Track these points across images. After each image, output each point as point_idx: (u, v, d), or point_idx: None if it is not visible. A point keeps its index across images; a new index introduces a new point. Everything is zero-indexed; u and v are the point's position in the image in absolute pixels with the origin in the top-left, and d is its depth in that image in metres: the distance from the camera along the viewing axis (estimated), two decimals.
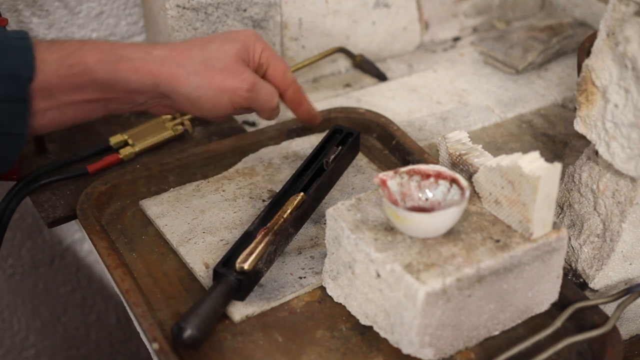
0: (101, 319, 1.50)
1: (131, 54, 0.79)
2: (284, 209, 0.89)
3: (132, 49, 0.80)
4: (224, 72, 0.82)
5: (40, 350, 1.46)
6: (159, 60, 0.79)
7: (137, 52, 0.79)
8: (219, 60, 0.82)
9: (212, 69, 0.81)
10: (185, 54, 0.81)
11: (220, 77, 0.82)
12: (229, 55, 0.82)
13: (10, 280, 1.36)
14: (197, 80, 0.81)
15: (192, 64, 0.80)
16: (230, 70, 0.82)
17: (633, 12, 0.76)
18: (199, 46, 0.82)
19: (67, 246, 1.39)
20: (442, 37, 1.33)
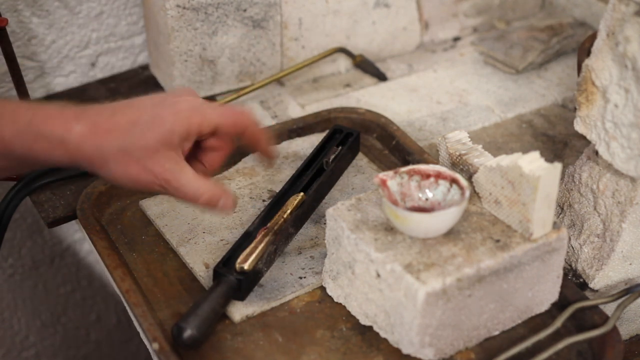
0: (101, 319, 1.50)
1: (49, 131, 0.73)
2: (284, 209, 0.89)
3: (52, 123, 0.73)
4: (140, 164, 0.75)
5: (40, 350, 1.46)
6: (78, 140, 0.73)
7: (56, 128, 0.73)
8: (137, 150, 0.74)
9: (129, 158, 0.75)
10: (106, 136, 0.74)
11: (136, 169, 0.75)
12: (149, 145, 0.74)
13: (10, 280, 1.36)
14: (113, 168, 0.76)
15: (110, 150, 0.74)
16: (146, 162, 0.75)
17: (633, 12, 0.76)
18: (123, 127, 0.74)
19: (67, 246, 1.39)
20: (442, 37, 1.33)
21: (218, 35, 1.13)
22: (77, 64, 1.22)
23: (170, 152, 0.76)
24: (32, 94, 1.17)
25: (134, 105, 0.76)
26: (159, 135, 0.74)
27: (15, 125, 0.73)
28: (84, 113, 0.75)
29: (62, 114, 0.74)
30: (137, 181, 0.76)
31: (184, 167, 0.77)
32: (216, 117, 0.77)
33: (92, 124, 0.74)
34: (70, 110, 0.75)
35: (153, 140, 0.74)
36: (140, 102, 0.77)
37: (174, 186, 0.77)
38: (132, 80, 1.24)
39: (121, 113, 0.75)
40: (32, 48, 1.17)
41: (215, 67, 1.16)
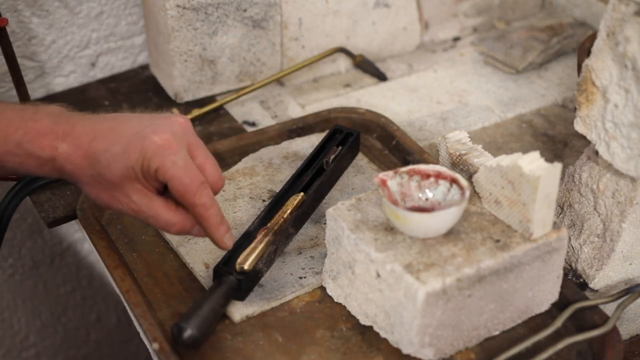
0: (101, 319, 1.50)
1: (38, 150, 0.75)
2: (284, 209, 0.89)
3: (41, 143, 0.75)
4: (108, 193, 0.77)
5: (41, 350, 1.46)
6: (62, 159, 0.76)
7: (45, 148, 0.75)
8: (105, 180, 0.76)
9: (100, 186, 0.77)
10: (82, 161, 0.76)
11: (106, 196, 0.77)
12: (114, 178, 0.75)
13: (10, 280, 1.36)
14: (88, 190, 0.78)
15: (84, 175, 0.76)
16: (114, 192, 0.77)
17: (633, 12, 0.76)
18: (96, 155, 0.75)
19: (67, 246, 1.39)
20: (442, 37, 1.33)
21: (218, 35, 1.13)
22: (77, 64, 1.22)
23: (135, 184, 0.76)
24: (32, 94, 1.17)
25: (115, 130, 0.76)
26: (123, 170, 0.74)
27: (6, 144, 0.75)
28: (72, 131, 0.76)
29: (52, 131, 0.75)
30: (109, 206, 0.78)
31: (152, 199, 0.77)
32: (170, 175, 0.74)
33: (75, 146, 0.75)
34: (62, 125, 0.76)
35: (117, 173, 0.75)
36: (121, 128, 0.76)
37: (143, 217, 0.77)
38: (132, 80, 1.24)
39: (100, 138, 0.75)
40: (32, 48, 1.18)
41: (215, 67, 1.16)
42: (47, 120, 0.76)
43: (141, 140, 0.74)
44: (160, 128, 0.75)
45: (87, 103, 1.19)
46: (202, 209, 0.76)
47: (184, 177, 0.74)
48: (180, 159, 0.75)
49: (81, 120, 0.77)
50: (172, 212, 0.77)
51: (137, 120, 0.77)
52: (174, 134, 0.75)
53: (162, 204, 0.77)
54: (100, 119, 0.77)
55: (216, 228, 0.78)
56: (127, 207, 0.77)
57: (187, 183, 0.75)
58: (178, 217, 0.77)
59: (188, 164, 0.75)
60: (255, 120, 1.15)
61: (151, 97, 1.20)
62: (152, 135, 0.74)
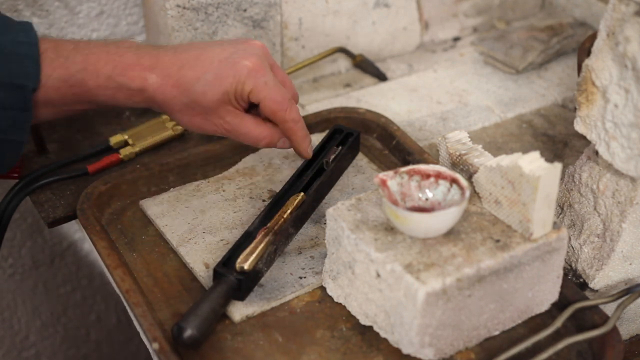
0: (101, 319, 1.50)
1: (129, 82, 0.81)
2: (284, 209, 0.89)
3: (130, 75, 0.81)
4: (202, 116, 0.84)
5: (41, 350, 1.46)
6: (153, 89, 0.81)
7: (134, 79, 0.81)
8: (199, 106, 0.83)
9: (193, 111, 0.83)
10: (174, 90, 0.82)
11: (199, 120, 0.84)
12: (209, 103, 0.82)
13: (10, 280, 1.36)
14: (180, 117, 0.84)
15: (177, 103, 0.83)
16: (208, 115, 0.84)
17: (633, 12, 0.76)
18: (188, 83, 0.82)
19: (67, 246, 1.39)
20: (442, 37, 1.33)
21: (218, 35, 1.13)
22: None
23: (229, 106, 0.83)
24: None
25: (202, 58, 0.82)
26: (218, 95, 0.82)
27: (98, 78, 0.80)
28: (158, 62, 0.82)
29: (139, 63, 0.81)
30: (202, 129, 0.85)
31: (243, 117, 0.85)
32: (263, 96, 0.82)
33: (164, 76, 0.81)
34: (146, 57, 0.81)
35: (212, 99, 0.82)
36: (208, 55, 0.83)
37: (235, 135, 0.85)
38: None
39: (189, 66, 0.82)
40: None
41: None
42: (131, 53, 0.82)
43: (233, 66, 0.82)
44: (247, 52, 0.83)
45: None
46: (292, 123, 0.85)
47: (276, 96, 0.83)
48: (270, 80, 0.83)
49: (163, 50, 0.83)
50: (260, 128, 0.86)
51: (219, 47, 0.84)
52: (259, 57, 0.83)
53: (252, 121, 0.85)
54: (182, 48, 0.83)
55: (303, 140, 0.88)
56: (221, 127, 0.85)
57: (280, 101, 0.83)
58: (267, 131, 0.86)
59: (277, 83, 0.84)
60: None
61: None
62: (242, 60, 0.82)
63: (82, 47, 0.81)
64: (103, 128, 1.12)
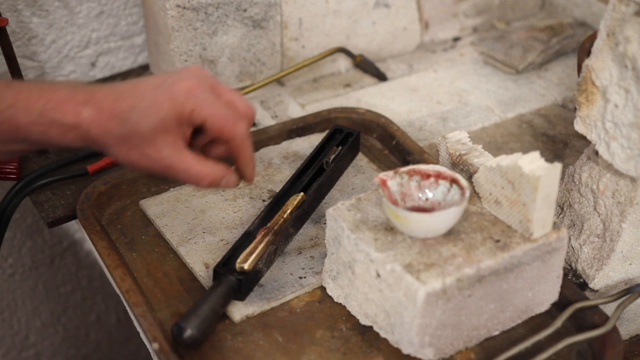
0: (101, 319, 1.50)
1: (61, 117, 0.75)
2: (284, 209, 0.89)
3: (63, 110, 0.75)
4: (138, 151, 0.77)
5: (40, 350, 1.46)
6: (86, 124, 0.76)
7: (67, 115, 0.75)
8: (135, 137, 0.76)
9: (129, 145, 0.77)
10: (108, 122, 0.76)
11: (135, 155, 0.77)
12: (146, 132, 0.76)
13: (10, 280, 1.36)
14: (116, 152, 0.78)
15: (112, 137, 0.76)
16: (144, 149, 0.77)
17: (633, 12, 0.76)
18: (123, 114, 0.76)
19: (67, 246, 1.39)
20: (442, 37, 1.33)
21: (218, 35, 1.13)
22: (77, 63, 1.22)
23: (167, 137, 0.76)
24: None
25: (136, 88, 0.77)
26: (155, 122, 0.75)
27: (29, 114, 0.75)
28: (92, 97, 0.76)
29: (73, 98, 0.76)
30: (138, 166, 0.78)
31: (182, 152, 0.77)
32: (206, 114, 0.76)
33: (98, 110, 0.76)
34: (81, 93, 0.77)
35: (149, 127, 0.75)
36: (142, 85, 0.77)
37: (174, 172, 0.78)
38: None
39: (122, 98, 0.76)
40: (32, 48, 1.18)
41: (215, 67, 1.16)
42: (66, 89, 0.77)
43: (169, 89, 0.76)
44: (182, 76, 0.77)
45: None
46: (240, 140, 0.79)
47: (220, 112, 0.77)
48: (211, 97, 0.77)
49: (99, 87, 0.78)
50: (202, 165, 0.78)
51: (153, 78, 0.79)
52: (197, 78, 0.78)
53: (192, 157, 0.78)
54: (118, 83, 0.79)
55: (249, 161, 0.81)
56: (158, 163, 0.77)
57: (225, 116, 0.77)
58: (209, 169, 0.79)
59: (219, 100, 0.78)
60: (255, 120, 1.15)
61: None
62: (178, 82, 0.76)
63: (14, 85, 0.77)
64: None
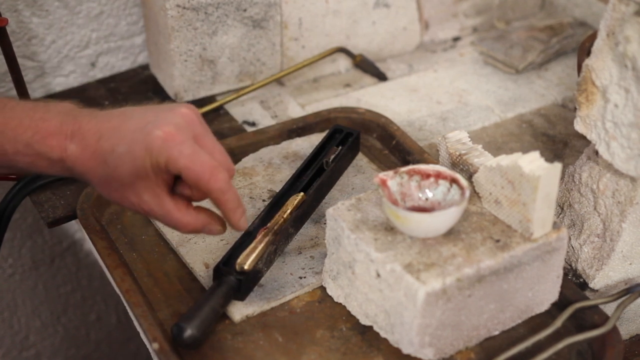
0: (101, 319, 1.50)
1: (48, 151, 0.75)
2: (284, 209, 0.89)
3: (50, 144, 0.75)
4: (119, 193, 0.76)
5: (40, 350, 1.46)
6: (72, 160, 0.75)
7: (54, 149, 0.75)
8: (115, 181, 0.75)
9: (110, 186, 0.76)
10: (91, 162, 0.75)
11: (117, 195, 0.77)
12: (124, 178, 0.74)
13: (10, 280, 1.36)
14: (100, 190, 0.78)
15: (94, 176, 0.76)
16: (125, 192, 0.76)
17: (633, 12, 0.76)
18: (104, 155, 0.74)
19: (67, 246, 1.39)
20: (442, 37, 1.33)
21: (218, 35, 1.13)
22: (77, 63, 1.22)
23: (147, 182, 0.75)
24: (32, 93, 1.17)
25: (120, 129, 0.75)
26: (132, 169, 0.74)
27: (16, 144, 0.75)
28: (79, 130, 0.75)
29: (60, 131, 0.75)
30: (122, 204, 0.78)
31: (162, 198, 0.76)
32: (181, 165, 0.73)
33: (82, 147, 0.75)
34: (69, 124, 0.75)
35: (127, 173, 0.74)
36: (126, 125, 0.75)
37: (154, 217, 0.77)
38: (132, 80, 1.24)
39: (106, 137, 0.74)
40: (32, 48, 1.18)
41: (215, 67, 1.16)
42: (56, 119, 0.76)
43: (144, 137, 0.73)
44: (163, 122, 0.74)
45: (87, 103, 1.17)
46: (219, 193, 0.76)
47: (194, 165, 0.74)
48: (187, 148, 0.74)
49: (88, 118, 0.76)
50: (183, 213, 0.77)
51: (140, 116, 0.76)
52: (177, 126, 0.74)
53: (173, 204, 0.76)
54: (107, 116, 0.76)
55: (233, 212, 0.77)
56: (138, 207, 0.76)
57: (199, 170, 0.74)
58: (189, 218, 0.77)
59: (196, 151, 0.74)
60: (255, 120, 1.15)
61: (151, 97, 1.20)
62: (155, 130, 0.73)
63: (7, 109, 0.76)
64: None
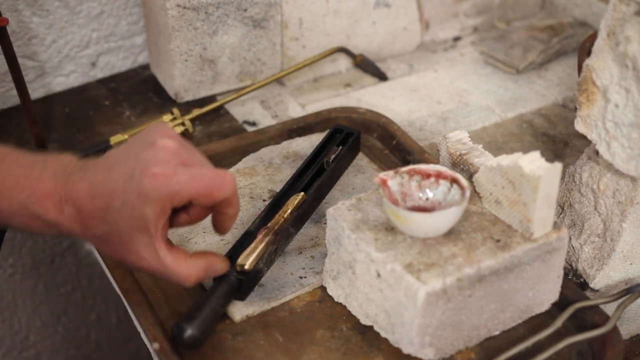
0: (101, 318, 1.50)
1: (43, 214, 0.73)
2: (285, 209, 0.89)
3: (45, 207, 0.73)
4: (119, 251, 0.74)
5: (41, 350, 1.46)
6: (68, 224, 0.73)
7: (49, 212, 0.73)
8: (114, 238, 0.73)
9: (109, 245, 0.74)
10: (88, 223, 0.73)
11: (118, 254, 0.74)
12: (122, 233, 0.72)
13: (11, 280, 1.36)
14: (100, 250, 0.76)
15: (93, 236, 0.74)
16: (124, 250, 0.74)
17: (633, 12, 0.76)
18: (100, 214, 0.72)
19: (67, 246, 1.39)
20: (443, 37, 1.33)
21: (218, 35, 1.13)
22: (77, 63, 1.22)
23: (145, 236, 0.73)
24: (32, 93, 1.17)
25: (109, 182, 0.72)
26: (130, 221, 0.72)
27: (11, 204, 0.73)
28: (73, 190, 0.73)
29: (55, 193, 0.72)
30: (123, 263, 0.76)
31: (161, 254, 0.74)
32: (189, 191, 0.72)
33: (77, 209, 0.73)
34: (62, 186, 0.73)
35: (125, 227, 0.72)
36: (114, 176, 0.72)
37: (155, 274, 0.76)
38: (133, 80, 1.24)
39: (98, 196, 0.72)
40: (32, 48, 1.18)
41: (215, 66, 1.16)
42: (52, 180, 0.73)
43: (136, 187, 0.71)
44: (148, 163, 0.71)
45: (87, 103, 1.19)
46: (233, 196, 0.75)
47: (199, 183, 0.72)
48: (183, 176, 0.72)
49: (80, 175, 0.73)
50: (183, 266, 0.75)
51: (123, 161, 0.73)
52: (163, 161, 0.72)
53: (170, 258, 0.75)
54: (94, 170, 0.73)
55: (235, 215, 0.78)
56: (138, 265, 0.75)
57: (207, 184, 0.73)
58: (189, 270, 0.76)
59: (193, 173, 0.72)
60: (255, 120, 1.15)
61: (151, 97, 1.20)
62: (143, 178, 0.71)
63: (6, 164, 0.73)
64: (103, 128, 1.12)
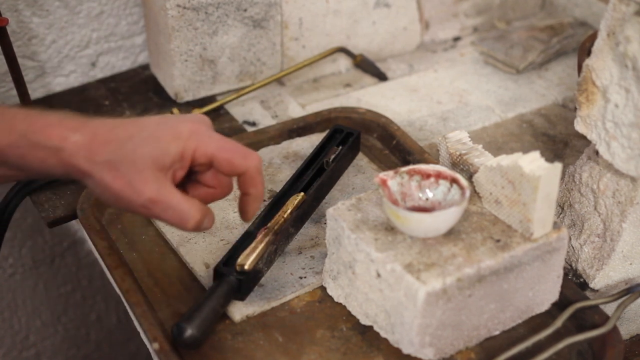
0: (101, 319, 1.50)
1: (46, 140, 0.71)
2: (285, 209, 0.89)
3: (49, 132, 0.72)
4: (125, 179, 0.72)
5: (41, 350, 1.46)
6: (73, 149, 0.71)
7: (53, 137, 0.71)
8: (126, 164, 0.72)
9: (115, 172, 0.72)
10: (101, 148, 0.72)
11: (120, 184, 0.72)
12: (139, 160, 0.72)
13: (11, 280, 1.36)
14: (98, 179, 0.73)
15: (99, 161, 0.72)
16: (132, 178, 0.72)
17: (633, 12, 0.76)
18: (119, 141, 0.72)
19: (67, 246, 1.39)
20: (443, 37, 1.33)
21: (218, 35, 1.13)
22: (77, 63, 1.22)
23: (158, 173, 0.72)
24: (32, 93, 1.17)
25: (138, 121, 0.74)
26: (152, 152, 0.72)
27: (10, 135, 0.72)
28: (86, 124, 0.73)
29: (62, 123, 0.72)
30: (118, 197, 0.73)
31: (171, 188, 0.73)
32: (214, 148, 0.73)
33: (92, 135, 0.72)
34: (71, 120, 0.73)
35: (144, 156, 0.72)
36: (145, 120, 0.75)
37: (159, 208, 0.73)
38: (133, 80, 1.24)
39: (122, 127, 0.73)
40: (32, 48, 1.18)
41: (215, 66, 1.16)
42: (56, 116, 0.73)
43: (173, 127, 0.73)
44: (186, 118, 0.75)
45: (87, 103, 1.19)
46: (253, 173, 0.75)
47: (227, 145, 0.74)
48: (215, 135, 0.75)
49: (93, 118, 0.74)
50: (190, 203, 0.74)
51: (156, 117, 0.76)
52: (201, 121, 0.76)
53: (180, 194, 0.74)
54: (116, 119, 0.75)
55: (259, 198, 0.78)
56: (142, 196, 0.72)
57: (233, 149, 0.74)
58: (195, 209, 0.74)
59: (224, 138, 0.75)
60: (255, 120, 1.15)
61: (151, 97, 1.20)
62: (182, 122, 0.74)
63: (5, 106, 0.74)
64: None
